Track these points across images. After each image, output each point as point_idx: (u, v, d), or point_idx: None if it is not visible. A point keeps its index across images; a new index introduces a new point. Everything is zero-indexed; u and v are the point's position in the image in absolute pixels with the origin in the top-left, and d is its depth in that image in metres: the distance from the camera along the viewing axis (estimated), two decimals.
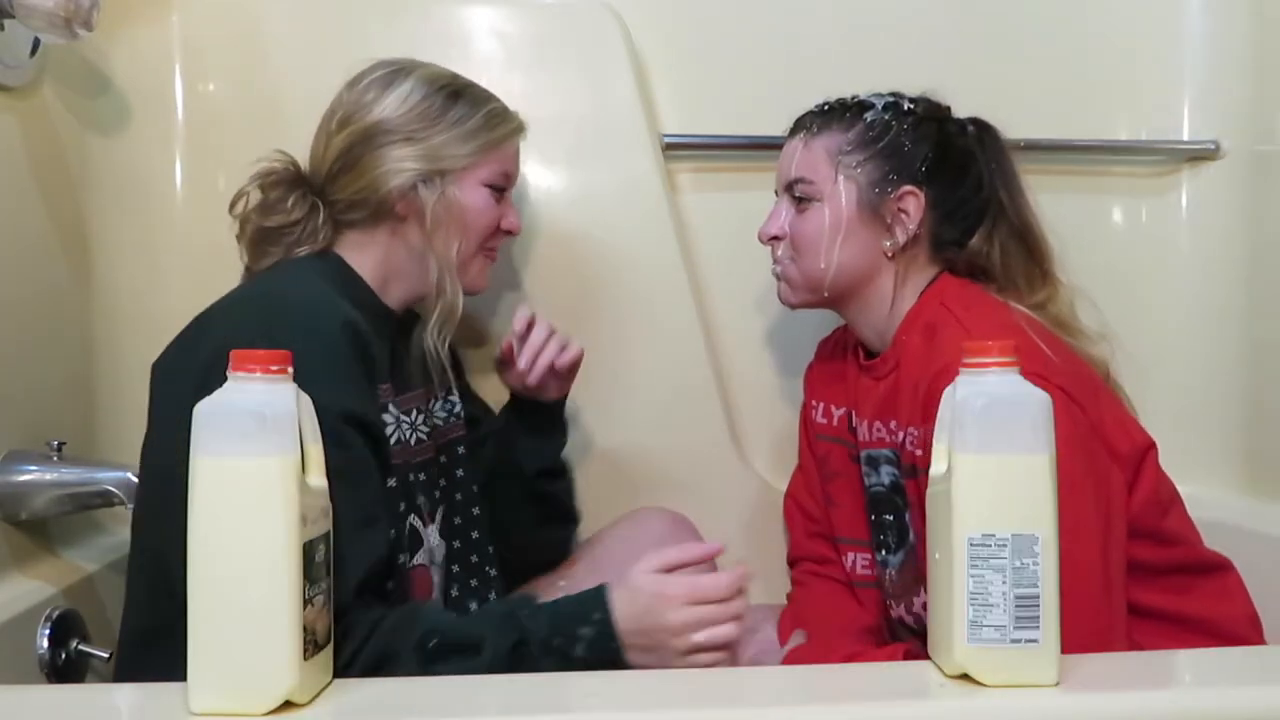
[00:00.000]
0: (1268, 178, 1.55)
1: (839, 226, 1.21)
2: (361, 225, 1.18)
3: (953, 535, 0.82)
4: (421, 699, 0.85)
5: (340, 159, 1.17)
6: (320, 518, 0.83)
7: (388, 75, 1.19)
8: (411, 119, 1.16)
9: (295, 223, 1.17)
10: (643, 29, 1.54)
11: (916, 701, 0.83)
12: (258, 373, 0.80)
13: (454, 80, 1.21)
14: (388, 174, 1.15)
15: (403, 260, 1.19)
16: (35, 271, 1.30)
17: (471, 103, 1.20)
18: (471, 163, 1.18)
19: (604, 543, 1.36)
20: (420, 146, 1.16)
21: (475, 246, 1.21)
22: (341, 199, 1.17)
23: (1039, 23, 1.62)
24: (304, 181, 1.19)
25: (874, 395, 1.24)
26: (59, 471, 1.22)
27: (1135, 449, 1.13)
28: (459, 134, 1.18)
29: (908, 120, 1.24)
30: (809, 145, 1.25)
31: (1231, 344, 1.59)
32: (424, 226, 1.16)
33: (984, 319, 1.15)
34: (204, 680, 0.77)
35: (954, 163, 1.23)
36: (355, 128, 1.16)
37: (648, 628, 0.96)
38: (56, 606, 1.19)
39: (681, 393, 1.54)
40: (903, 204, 1.21)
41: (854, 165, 1.22)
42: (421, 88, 1.18)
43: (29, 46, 1.26)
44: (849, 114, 1.25)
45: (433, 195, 1.16)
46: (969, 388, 0.84)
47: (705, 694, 0.87)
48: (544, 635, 0.96)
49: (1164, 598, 1.13)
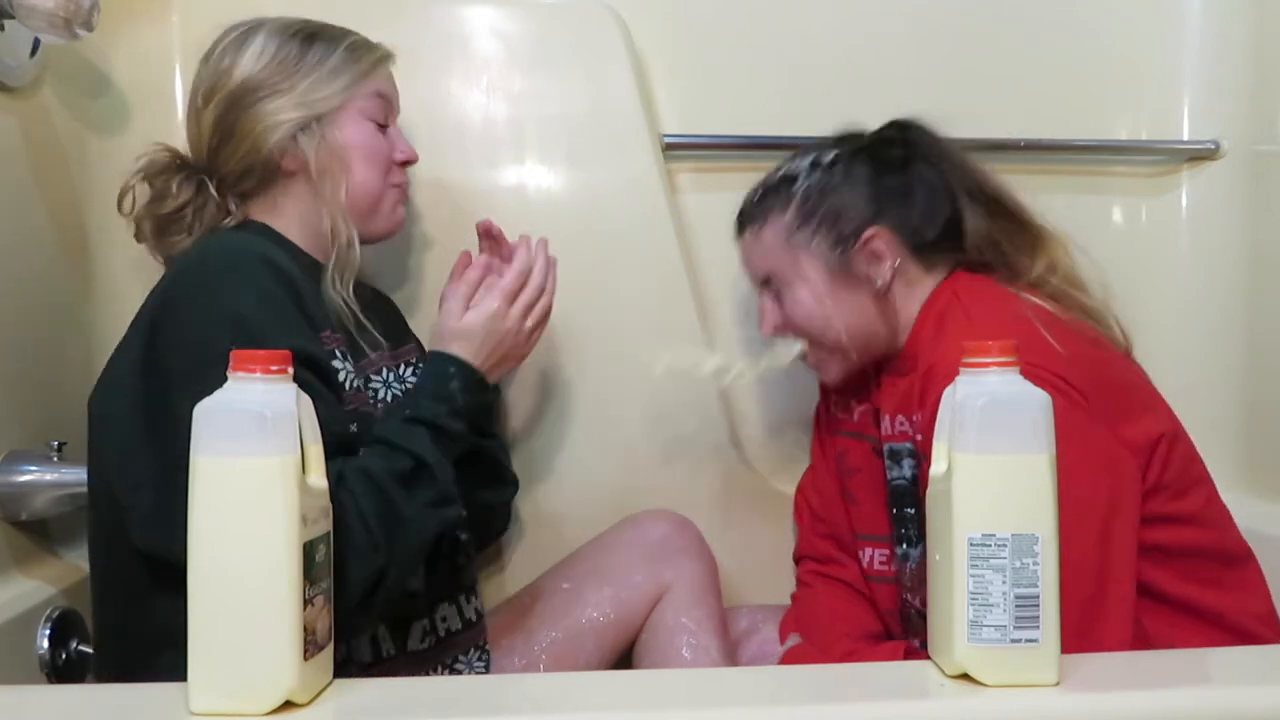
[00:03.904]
0: (1268, 178, 1.55)
1: (824, 298, 1.22)
2: (260, 191, 1.17)
3: (953, 535, 0.82)
4: (421, 699, 0.85)
5: (215, 131, 1.15)
6: (320, 518, 0.83)
7: (238, 37, 1.17)
8: (272, 71, 1.15)
9: (185, 204, 1.16)
10: (643, 29, 1.54)
11: (916, 701, 0.82)
12: (258, 373, 0.80)
13: (305, 25, 1.19)
14: (265, 131, 1.14)
15: (309, 214, 1.17)
16: (35, 271, 1.30)
17: (329, 41, 1.18)
18: (344, 100, 1.17)
19: (606, 545, 1.36)
20: (288, 97, 1.14)
21: (372, 185, 1.19)
22: (230, 170, 1.16)
23: (1039, 23, 1.63)
24: (186, 165, 1.19)
25: (896, 391, 1.23)
26: (59, 471, 1.22)
27: (1147, 436, 1.10)
28: (323, 74, 1.16)
29: (834, 171, 1.23)
30: (759, 239, 1.26)
31: (1231, 344, 1.59)
32: (311, 176, 1.15)
33: (990, 311, 1.15)
34: (204, 680, 0.77)
35: (896, 181, 1.22)
36: (220, 96, 1.15)
37: (494, 345, 1.13)
38: (56, 606, 1.19)
39: (681, 393, 1.54)
40: (871, 248, 1.20)
41: (808, 240, 1.22)
42: (274, 39, 1.16)
43: (29, 46, 1.26)
44: (780, 193, 1.25)
45: (312, 142, 1.15)
46: (969, 388, 0.84)
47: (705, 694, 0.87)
48: (434, 409, 1.06)
49: (1179, 584, 1.11)
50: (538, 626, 1.27)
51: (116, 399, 1.04)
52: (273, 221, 1.17)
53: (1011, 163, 1.61)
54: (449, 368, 1.10)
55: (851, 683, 0.89)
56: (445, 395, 1.08)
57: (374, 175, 1.19)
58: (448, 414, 1.06)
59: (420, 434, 1.03)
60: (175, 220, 1.17)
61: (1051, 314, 1.16)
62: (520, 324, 1.14)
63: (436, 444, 1.03)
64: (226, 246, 1.09)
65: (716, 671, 1.19)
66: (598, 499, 1.48)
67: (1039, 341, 1.09)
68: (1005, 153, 1.60)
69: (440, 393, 1.08)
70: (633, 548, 1.32)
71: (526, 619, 1.28)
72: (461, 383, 1.09)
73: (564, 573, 1.34)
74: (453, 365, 1.10)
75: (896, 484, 1.25)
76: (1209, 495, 1.17)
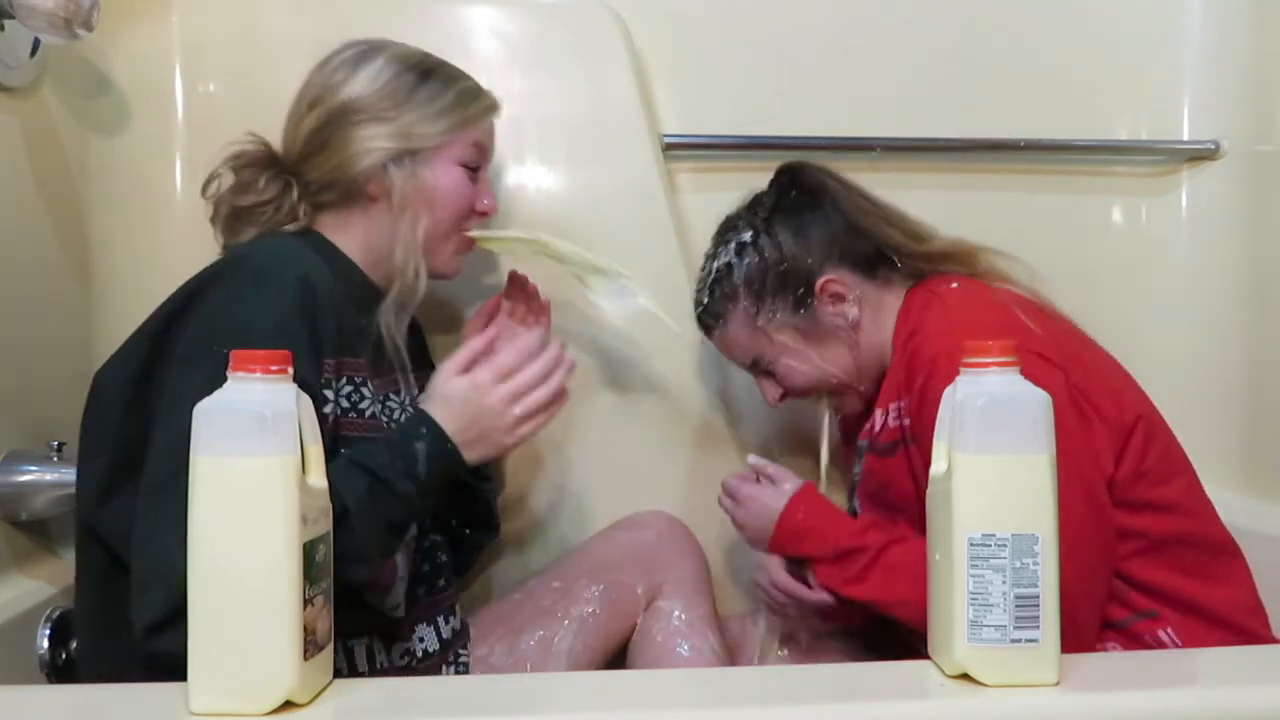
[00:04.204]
0: (1268, 178, 1.55)
1: (809, 357, 1.27)
2: (336, 206, 1.18)
3: (953, 535, 0.82)
4: (421, 699, 0.85)
5: (311, 139, 1.16)
6: (320, 518, 0.83)
7: (357, 55, 1.18)
8: (381, 97, 1.15)
9: (268, 201, 1.16)
10: (643, 29, 1.54)
11: (916, 701, 0.82)
12: (258, 373, 0.80)
13: (425, 59, 1.20)
14: (358, 154, 1.14)
15: (381, 240, 1.18)
16: (35, 271, 1.30)
17: (443, 81, 1.19)
18: (443, 141, 1.17)
19: (599, 546, 1.35)
20: (390, 125, 1.15)
21: (448, 228, 1.20)
22: (314, 179, 1.16)
23: (1039, 23, 1.63)
24: (276, 162, 1.19)
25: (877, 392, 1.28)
26: (59, 471, 1.22)
27: (1124, 416, 1.13)
28: (430, 112, 1.17)
29: (761, 243, 1.27)
30: (728, 336, 1.32)
31: (1231, 344, 1.59)
32: (393, 207, 1.16)
33: (965, 298, 1.19)
34: (204, 680, 0.77)
35: (816, 222, 1.26)
36: (325, 108, 1.16)
37: (470, 420, 1.06)
38: (56, 606, 1.19)
39: (681, 392, 1.54)
40: (830, 293, 1.25)
41: (772, 317, 1.27)
42: (392, 66, 1.17)
43: (29, 46, 1.26)
44: (725, 288, 1.29)
45: (402, 175, 1.15)
46: (969, 388, 0.84)
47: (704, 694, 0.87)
48: (387, 462, 1.00)
49: (1165, 574, 1.12)
50: (527, 624, 1.26)
51: (119, 369, 1.04)
52: (337, 237, 1.18)
53: (1011, 163, 1.62)
54: (420, 428, 1.04)
55: (851, 683, 0.89)
56: (405, 454, 1.02)
57: (451, 219, 1.20)
58: (399, 473, 1.00)
59: (359, 482, 0.98)
60: (253, 213, 1.17)
61: (1024, 298, 1.21)
62: (504, 406, 1.07)
63: (371, 496, 0.98)
64: (271, 256, 1.07)
65: (715, 671, 1.19)
66: (594, 499, 1.48)
67: (1016, 323, 1.13)
68: (1005, 153, 1.60)
69: (401, 449, 1.02)
70: (625, 548, 1.32)
71: (516, 617, 1.28)
72: (428, 448, 1.03)
73: (556, 572, 1.34)
74: (424, 426, 1.04)
75: (855, 479, 1.31)
76: (1190, 484, 1.19)
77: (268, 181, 1.17)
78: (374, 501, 0.98)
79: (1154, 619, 1.11)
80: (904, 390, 1.17)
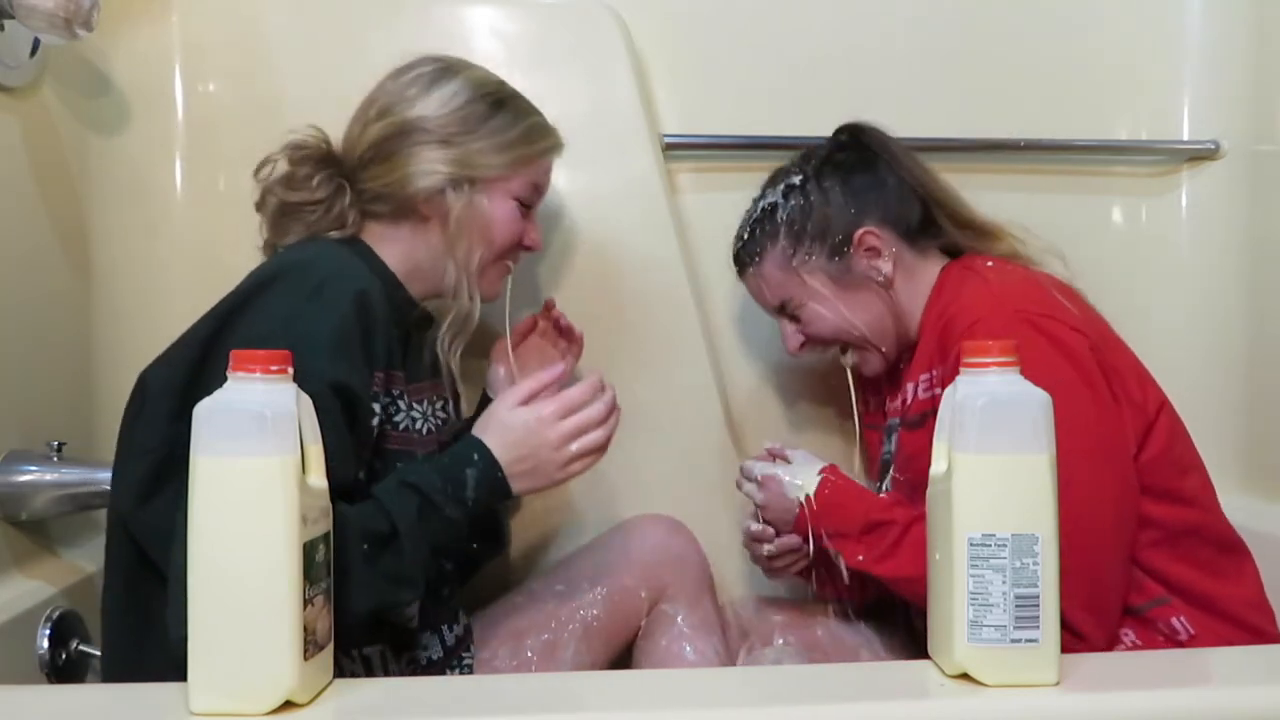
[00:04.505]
0: (1268, 178, 1.55)
1: (837, 306, 1.28)
2: (385, 218, 1.17)
3: (953, 535, 0.82)
4: (421, 699, 0.85)
5: (373, 148, 1.15)
6: (320, 518, 0.83)
7: (434, 72, 1.17)
8: (451, 122, 1.15)
9: (319, 201, 1.16)
10: (643, 29, 1.54)
11: (916, 701, 0.82)
12: (258, 373, 0.80)
13: (500, 88, 1.20)
14: (418, 174, 1.14)
15: (423, 258, 1.18)
16: (35, 271, 1.30)
17: (514, 114, 1.19)
18: (504, 175, 1.17)
19: (601, 549, 1.35)
20: (455, 151, 1.14)
21: (495, 258, 1.20)
22: (369, 189, 1.16)
23: (1039, 23, 1.63)
24: (334, 162, 1.18)
25: (903, 372, 1.30)
26: (59, 471, 1.22)
27: (1148, 402, 1.16)
28: (495, 144, 1.16)
29: (807, 189, 1.29)
30: (761, 274, 1.32)
31: (1231, 344, 1.59)
32: (446, 230, 1.15)
33: (1005, 276, 1.21)
34: (204, 680, 0.77)
35: (866, 182, 1.28)
36: (393, 120, 1.15)
37: (527, 451, 1.06)
38: (56, 606, 1.19)
39: (681, 393, 1.54)
40: (865, 247, 1.26)
41: (807, 259, 1.28)
42: (466, 91, 1.16)
43: (29, 46, 1.26)
44: (766, 226, 1.30)
45: (459, 202, 1.15)
46: (969, 388, 0.84)
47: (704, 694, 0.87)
48: (439, 486, 1.01)
49: (1183, 569, 1.13)
50: (529, 627, 1.26)
51: (167, 370, 1.02)
52: (381, 249, 1.17)
53: (1011, 163, 1.62)
54: (473, 454, 1.05)
55: (851, 683, 0.89)
56: (457, 479, 1.03)
57: (500, 251, 1.20)
58: (450, 497, 1.01)
59: (410, 503, 0.99)
60: (301, 211, 1.16)
61: (1061, 283, 1.23)
62: (562, 442, 1.06)
63: (421, 519, 0.99)
64: (332, 268, 1.06)
65: (716, 671, 1.19)
66: (596, 502, 1.47)
67: (1055, 302, 1.15)
68: (1005, 153, 1.60)
69: (453, 474, 1.03)
70: (628, 551, 1.32)
71: (518, 620, 1.28)
72: (478, 474, 1.04)
73: (559, 575, 1.33)
74: (478, 453, 1.05)
75: (884, 458, 1.32)
76: (1204, 480, 1.21)
77: (321, 181, 1.16)
78: (424, 524, 0.99)
79: (1167, 605, 1.12)
80: (936, 360, 1.18)
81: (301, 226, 1.17)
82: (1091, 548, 1.03)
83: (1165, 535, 1.13)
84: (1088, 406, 1.08)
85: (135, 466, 1.00)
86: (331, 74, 1.49)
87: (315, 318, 1.00)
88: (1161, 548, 1.13)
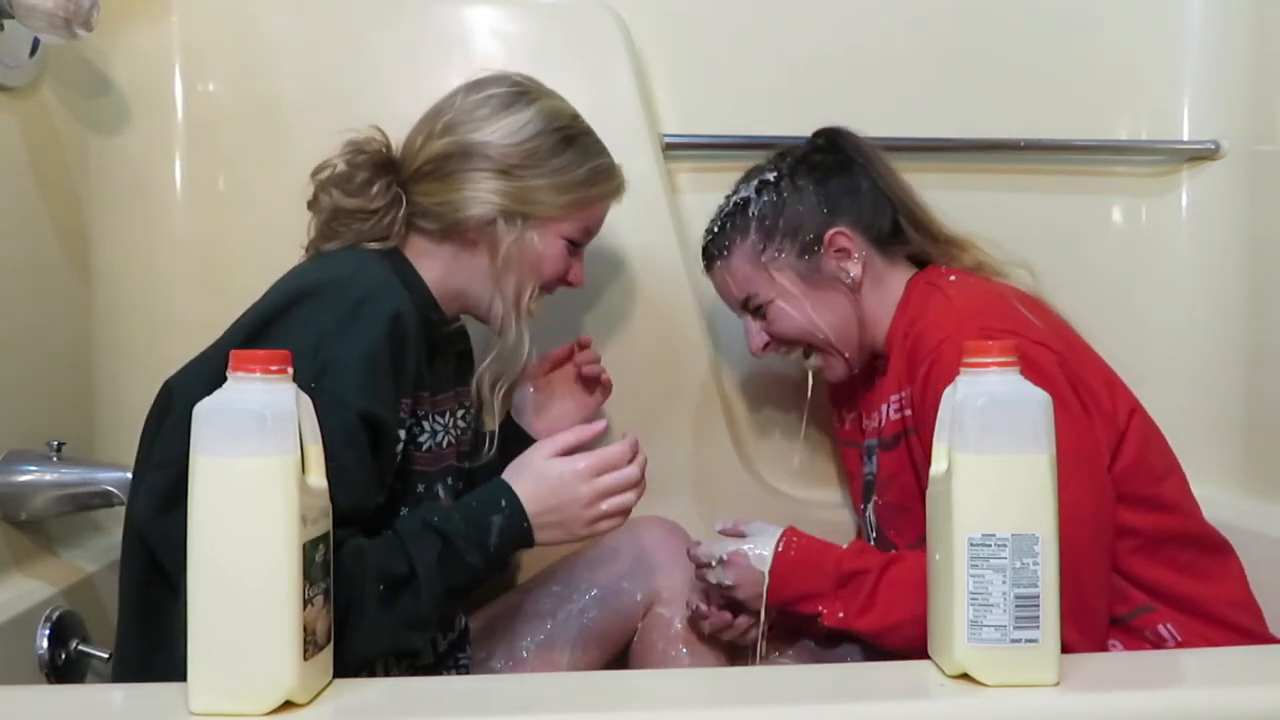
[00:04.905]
0: (1268, 178, 1.55)
1: (803, 305, 1.27)
2: (431, 235, 1.15)
3: (953, 535, 0.82)
4: (421, 699, 0.85)
5: (431, 163, 1.13)
6: (320, 518, 0.83)
7: (509, 96, 1.14)
8: (515, 153, 1.12)
9: (374, 211, 1.13)
10: (643, 29, 1.54)
11: (916, 701, 0.82)
12: (258, 373, 0.80)
13: (571, 124, 1.17)
14: (471, 200, 1.11)
15: (463, 281, 1.16)
16: (35, 271, 1.30)
17: (580, 153, 1.16)
18: (558, 214, 1.15)
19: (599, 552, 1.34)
20: (513, 184, 1.12)
21: (536, 291, 1.17)
22: (420, 203, 1.13)
23: (1039, 23, 1.63)
24: (391, 168, 1.15)
25: (876, 389, 1.29)
26: (59, 471, 1.22)
27: (1118, 410, 1.15)
28: (556, 184, 1.14)
29: (781, 186, 1.28)
30: (729, 268, 1.31)
31: (1231, 344, 1.59)
32: (494, 260, 1.13)
33: (968, 290, 1.20)
34: (204, 680, 0.77)
35: (840, 184, 1.27)
36: (456, 139, 1.12)
37: (556, 504, 1.03)
38: (56, 606, 1.19)
39: (681, 393, 1.54)
40: (836, 248, 1.26)
41: (776, 256, 1.27)
42: (537, 122, 1.13)
43: (29, 46, 1.26)
44: (738, 220, 1.29)
45: (510, 234, 1.12)
46: (969, 388, 0.84)
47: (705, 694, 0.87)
48: (462, 531, 0.99)
49: (1165, 573, 1.13)
50: (526, 629, 1.26)
51: (194, 379, 0.99)
52: (421, 264, 1.15)
53: (1011, 163, 1.62)
54: (501, 499, 1.02)
55: (851, 683, 0.89)
56: (481, 523, 1.01)
57: (542, 286, 1.18)
58: (472, 542, 1.00)
59: (431, 545, 0.98)
60: (354, 218, 1.13)
61: (1025, 294, 1.22)
62: (593, 499, 1.04)
63: (440, 562, 0.98)
64: (370, 287, 1.03)
65: (714, 671, 1.19)
66: None
67: (1016, 314, 1.14)
68: (1005, 153, 1.60)
69: (478, 518, 1.01)
70: (624, 554, 1.32)
71: (516, 621, 1.28)
72: (503, 522, 1.01)
73: (556, 576, 1.33)
74: (505, 499, 1.02)
75: (866, 479, 1.31)
76: (1181, 483, 1.20)
77: (380, 190, 1.13)
78: (443, 568, 0.98)
79: (1152, 613, 1.12)
80: (905, 381, 1.17)
81: (351, 234, 1.14)
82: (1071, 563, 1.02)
83: (1144, 542, 1.13)
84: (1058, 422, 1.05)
85: (156, 477, 0.99)
86: (331, 74, 1.49)
87: (349, 340, 0.98)
88: (1141, 554, 1.12)
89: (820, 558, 1.17)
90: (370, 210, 1.13)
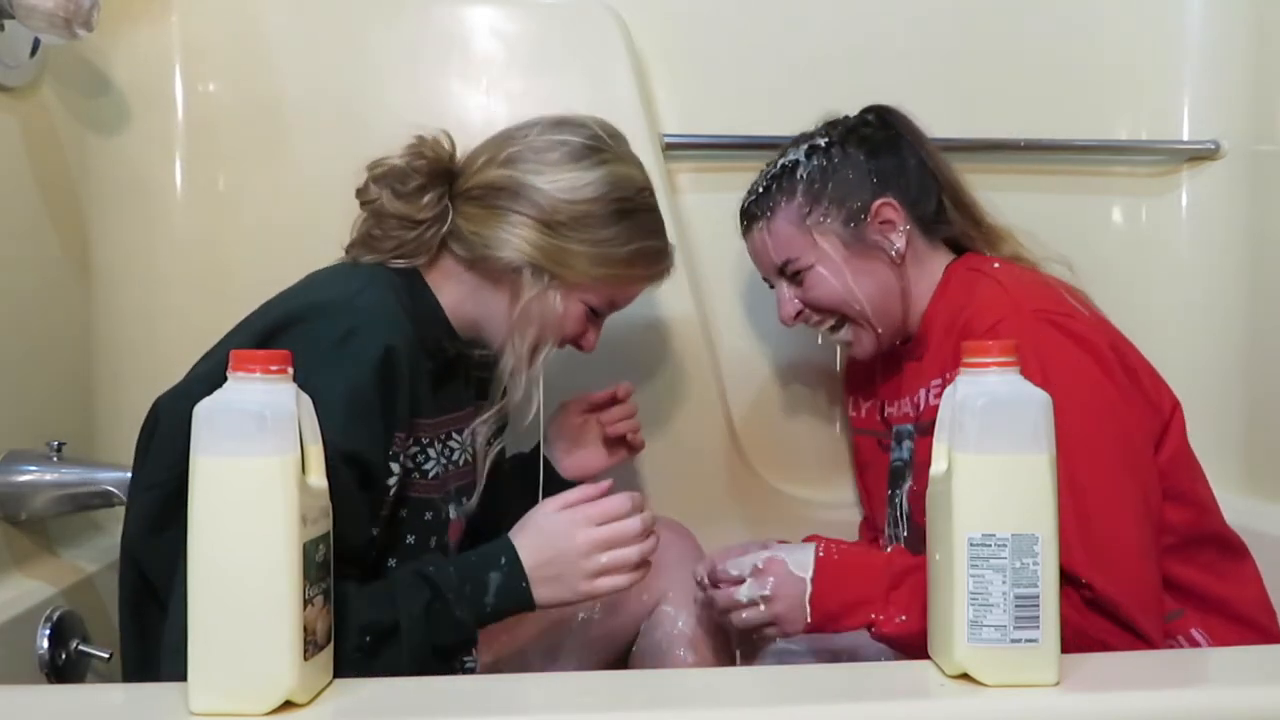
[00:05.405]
0: (1268, 178, 1.55)
1: (843, 273, 1.25)
2: (459, 259, 1.12)
3: (953, 535, 0.82)
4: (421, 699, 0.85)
5: (482, 189, 1.10)
6: (320, 518, 0.83)
7: (583, 149, 1.11)
8: (565, 210, 1.08)
9: (419, 222, 1.09)
10: (643, 29, 1.54)
11: (916, 701, 0.82)
12: (258, 373, 0.80)
13: (635, 197, 1.13)
14: (505, 241, 1.08)
15: (479, 314, 1.14)
16: (35, 271, 1.30)
17: (631, 230, 1.12)
18: (588, 282, 1.12)
19: None
20: (552, 241, 1.08)
21: (548, 346, 1.14)
22: (459, 226, 1.11)
23: (1039, 23, 1.63)
24: (448, 178, 1.12)
25: (905, 375, 1.28)
26: (59, 471, 1.22)
27: (1164, 401, 1.16)
28: (595, 255, 1.10)
29: (831, 153, 1.26)
30: (772, 230, 1.28)
31: (1231, 344, 1.59)
32: (512, 306, 1.10)
33: (1018, 277, 1.19)
34: (204, 680, 0.77)
35: (888, 160, 1.26)
36: (514, 174, 1.09)
37: (553, 555, 1.00)
38: (56, 606, 1.19)
39: (682, 394, 1.54)
40: (881, 218, 1.24)
41: (821, 219, 1.25)
42: (599, 186, 1.09)
43: (29, 46, 1.26)
44: (784, 182, 1.27)
45: (534, 289, 1.09)
46: (969, 388, 0.84)
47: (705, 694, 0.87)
48: (454, 587, 0.97)
49: (1195, 574, 1.13)
50: (530, 628, 1.26)
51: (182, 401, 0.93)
52: (440, 287, 1.13)
53: (1011, 163, 1.62)
54: (501, 558, 1.00)
55: (851, 683, 0.88)
56: (476, 581, 0.99)
57: (554, 342, 1.15)
58: (465, 598, 0.97)
59: (418, 598, 0.96)
60: (396, 226, 1.10)
61: (1069, 285, 1.22)
62: (591, 549, 1.01)
63: (426, 615, 0.96)
64: (364, 318, 1.00)
65: (716, 671, 1.19)
66: None
67: (1067, 304, 1.14)
68: (1005, 153, 1.60)
69: (475, 574, 0.99)
70: None
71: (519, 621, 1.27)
72: (501, 580, 0.99)
73: None
74: (505, 557, 1.00)
75: (895, 465, 1.29)
76: (1207, 485, 1.21)
77: (431, 201, 1.10)
78: (428, 621, 0.96)
79: (1183, 618, 1.12)
80: (950, 365, 1.13)
81: (391, 243, 1.10)
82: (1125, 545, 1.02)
83: (1179, 540, 1.12)
84: (1115, 402, 1.07)
85: (144, 499, 0.99)
86: (331, 74, 1.49)
87: (335, 374, 0.96)
88: (1175, 553, 1.12)
89: (868, 559, 1.11)
90: (416, 220, 1.09)
